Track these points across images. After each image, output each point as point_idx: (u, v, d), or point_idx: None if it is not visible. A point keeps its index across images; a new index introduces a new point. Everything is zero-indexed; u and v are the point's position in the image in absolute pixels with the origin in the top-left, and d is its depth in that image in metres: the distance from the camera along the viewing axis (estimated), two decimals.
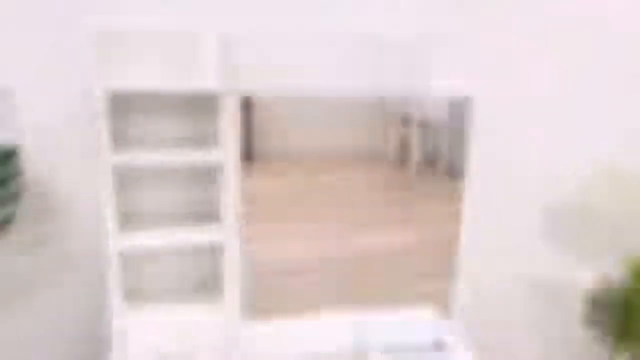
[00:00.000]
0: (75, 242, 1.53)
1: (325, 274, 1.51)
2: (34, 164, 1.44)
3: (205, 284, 1.56)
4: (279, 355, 1.50)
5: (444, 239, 1.57)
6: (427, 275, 1.59)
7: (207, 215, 1.52)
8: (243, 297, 1.43)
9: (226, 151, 1.31)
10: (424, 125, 1.49)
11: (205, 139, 1.49)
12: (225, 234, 1.36)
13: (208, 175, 1.52)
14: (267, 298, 1.48)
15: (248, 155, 1.36)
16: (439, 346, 1.55)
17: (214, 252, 1.58)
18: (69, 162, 1.46)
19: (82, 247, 1.54)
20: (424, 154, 1.51)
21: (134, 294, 1.50)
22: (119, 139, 1.45)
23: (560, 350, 2.07)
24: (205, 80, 1.31)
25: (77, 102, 1.42)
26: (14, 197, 1.32)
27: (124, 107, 1.42)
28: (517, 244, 1.91)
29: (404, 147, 1.49)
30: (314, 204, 1.46)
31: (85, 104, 1.43)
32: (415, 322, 1.59)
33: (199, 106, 1.47)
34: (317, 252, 1.49)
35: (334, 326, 1.53)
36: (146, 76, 1.29)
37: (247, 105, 1.31)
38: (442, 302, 1.62)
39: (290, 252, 1.47)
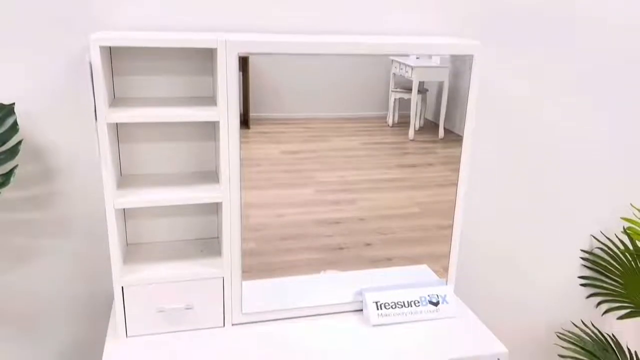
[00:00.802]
0: (75, 203, 1.54)
1: (323, 238, 1.52)
2: (32, 122, 1.44)
3: (206, 244, 1.58)
4: (278, 312, 1.53)
5: (443, 203, 1.58)
6: (426, 239, 1.60)
7: (208, 175, 1.52)
8: (243, 258, 1.45)
9: (226, 107, 1.30)
10: (424, 90, 1.48)
11: (205, 100, 1.49)
12: (225, 191, 1.37)
13: (208, 135, 1.52)
14: (265, 262, 1.49)
15: (244, 121, 1.35)
16: (434, 302, 1.58)
17: (215, 211, 1.59)
18: (68, 122, 1.46)
19: (82, 208, 1.55)
20: (423, 119, 1.50)
21: (133, 254, 1.52)
22: (118, 99, 1.44)
23: (556, 309, 2.11)
24: (204, 34, 1.29)
25: (75, 59, 1.41)
26: (10, 156, 1.32)
27: (122, 65, 1.41)
28: (515, 208, 1.92)
29: (403, 111, 1.48)
30: (311, 169, 1.46)
31: (84, 60, 1.41)
32: (411, 279, 1.62)
33: (198, 65, 1.46)
34: (315, 216, 1.49)
35: (332, 284, 1.56)
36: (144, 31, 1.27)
37: (243, 70, 1.30)
38: (440, 264, 1.64)
39: (288, 216, 1.48)
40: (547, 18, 1.71)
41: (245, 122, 1.36)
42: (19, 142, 1.33)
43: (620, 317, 1.98)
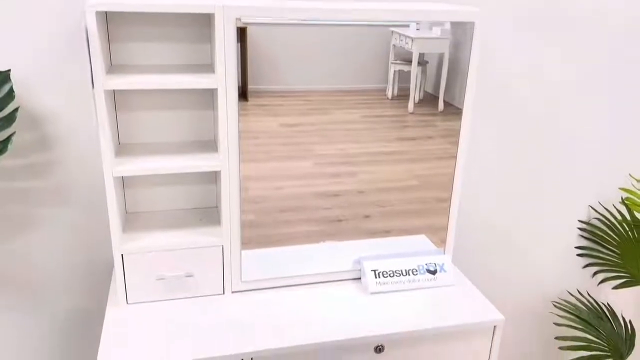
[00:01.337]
0: (73, 172, 1.54)
1: (322, 211, 1.52)
2: (28, 90, 1.43)
3: (205, 213, 1.59)
4: (277, 279, 1.54)
5: (442, 175, 1.58)
6: (424, 211, 1.61)
7: (207, 144, 1.52)
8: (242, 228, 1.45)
9: (224, 74, 1.29)
10: (424, 62, 1.46)
11: (203, 68, 1.47)
12: (224, 159, 1.37)
13: (206, 104, 1.51)
14: (264, 234, 1.50)
15: (242, 93, 1.34)
16: (431, 271, 1.59)
17: (214, 180, 1.59)
18: (64, 89, 1.45)
19: (80, 177, 1.55)
20: (423, 91, 1.49)
21: (133, 222, 1.52)
22: (115, 67, 1.43)
23: (553, 278, 2.13)
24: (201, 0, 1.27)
25: (71, 25, 1.39)
26: (7, 124, 1.31)
27: (118, 32, 1.39)
28: (513, 179, 1.93)
29: (403, 84, 1.47)
30: (310, 142, 1.45)
31: (80, 26, 1.39)
32: (409, 249, 1.63)
33: (196, 32, 1.44)
34: (313, 189, 1.49)
35: (331, 253, 1.57)
36: None
37: (240, 41, 1.28)
38: (438, 236, 1.65)
39: (287, 189, 1.48)
40: None
41: (243, 94, 1.35)
42: (16, 110, 1.32)
43: (616, 287, 2.00)
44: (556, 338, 1.88)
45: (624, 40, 1.82)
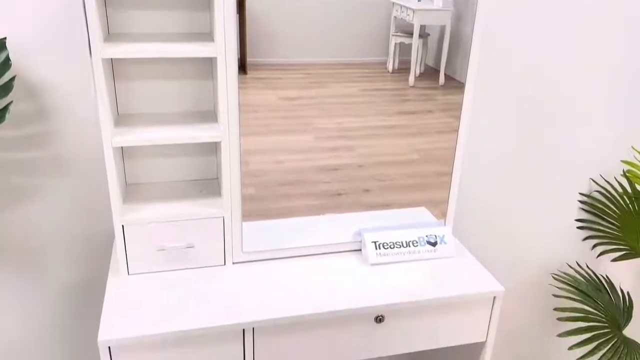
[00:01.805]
0: (72, 142, 1.52)
1: (322, 184, 1.52)
2: (24, 59, 1.41)
3: (206, 184, 1.58)
4: (278, 251, 1.54)
5: (442, 150, 1.57)
6: (424, 185, 1.60)
7: (206, 115, 1.50)
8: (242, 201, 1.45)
9: (223, 42, 1.27)
10: (425, 35, 1.44)
11: (202, 36, 1.45)
12: (224, 130, 1.35)
13: (206, 73, 1.49)
14: (264, 207, 1.49)
15: (241, 66, 1.32)
16: (432, 242, 1.59)
17: (214, 152, 1.58)
18: (62, 58, 1.43)
19: (79, 148, 1.54)
20: (424, 65, 1.47)
21: (133, 193, 1.52)
22: (113, 35, 1.41)
23: (553, 251, 2.14)
24: None
25: None
26: (3, 93, 1.29)
27: (117, 0, 1.37)
28: (515, 152, 1.92)
29: (403, 57, 1.44)
30: (310, 115, 1.44)
31: None
32: (410, 221, 1.63)
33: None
34: (313, 163, 1.49)
35: (332, 225, 1.57)
36: None
37: (239, 13, 1.26)
38: (439, 210, 1.65)
39: (287, 163, 1.47)
40: None
41: (242, 67, 1.33)
42: (12, 78, 1.30)
43: (615, 259, 2.01)
44: (555, 309, 1.90)
45: (625, 5, 1.79)
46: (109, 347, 1.22)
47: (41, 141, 1.50)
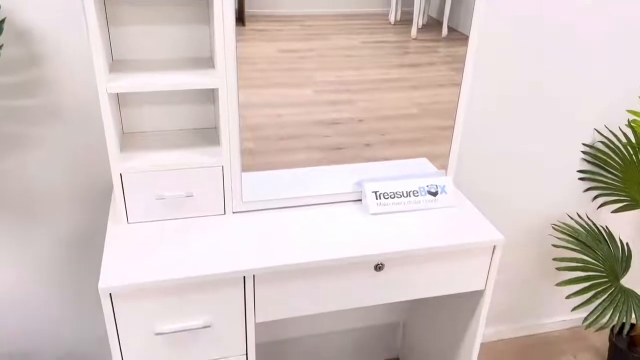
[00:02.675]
0: (67, 90, 1.49)
1: (322, 138, 1.50)
2: (15, 3, 1.36)
3: (204, 134, 1.56)
4: (278, 200, 1.54)
5: (443, 103, 1.54)
6: (425, 139, 1.58)
7: (204, 62, 1.47)
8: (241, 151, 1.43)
9: None
10: None
11: None
12: (221, 76, 1.32)
13: (203, 18, 1.44)
14: (263, 161, 1.48)
15: (239, 18, 1.28)
16: (432, 192, 1.59)
17: (212, 100, 1.55)
18: (53, 2, 1.38)
19: (74, 95, 1.51)
20: (427, 16, 1.42)
21: (130, 142, 1.50)
22: None
23: (553, 202, 2.13)
24: None
25: None
26: None
27: None
28: (518, 102, 1.88)
29: (406, 8, 1.39)
30: (310, 68, 1.40)
31: None
32: (411, 171, 1.62)
33: None
34: (313, 116, 1.46)
35: (333, 175, 1.56)
36: None
37: None
38: (439, 163, 1.63)
39: (287, 116, 1.44)
40: None
41: (240, 19, 1.30)
42: (2, 21, 1.26)
43: (616, 210, 2.01)
44: (554, 259, 1.91)
45: None
46: (110, 294, 1.23)
47: (34, 88, 1.47)
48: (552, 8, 1.73)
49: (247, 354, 1.41)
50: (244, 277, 1.31)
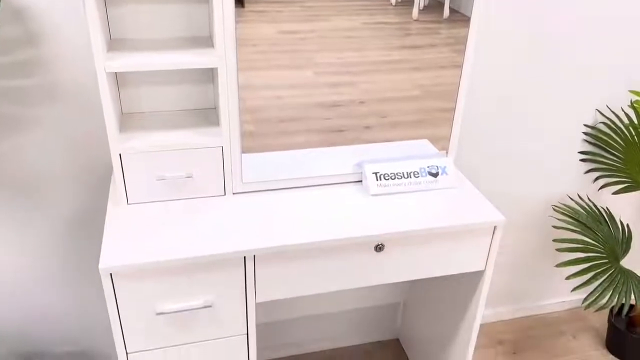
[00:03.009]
0: (65, 69, 1.48)
1: (322, 121, 1.49)
2: None
3: (205, 115, 1.55)
4: (278, 181, 1.53)
5: (445, 85, 1.54)
6: (426, 121, 1.57)
7: (203, 41, 1.45)
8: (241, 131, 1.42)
9: None
10: None
11: None
12: (220, 55, 1.31)
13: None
14: (263, 143, 1.47)
15: None
16: (433, 173, 1.58)
17: (211, 80, 1.54)
18: None
19: (73, 75, 1.49)
20: None
21: (129, 122, 1.49)
22: None
23: (554, 183, 2.13)
24: None
25: None
26: None
27: None
28: (520, 83, 1.87)
29: None
30: (310, 50, 1.39)
31: None
32: (411, 152, 1.61)
33: None
34: (314, 98, 1.45)
35: (333, 156, 1.55)
36: None
37: None
38: (440, 145, 1.62)
39: (287, 98, 1.43)
40: None
41: (239, 0, 1.28)
42: None
43: (617, 192, 2.00)
44: (554, 240, 1.91)
45: None
46: (111, 274, 1.23)
47: (32, 68, 1.45)
48: None
49: (247, 334, 1.42)
50: (244, 257, 1.31)
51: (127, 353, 1.34)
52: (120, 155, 1.37)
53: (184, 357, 1.39)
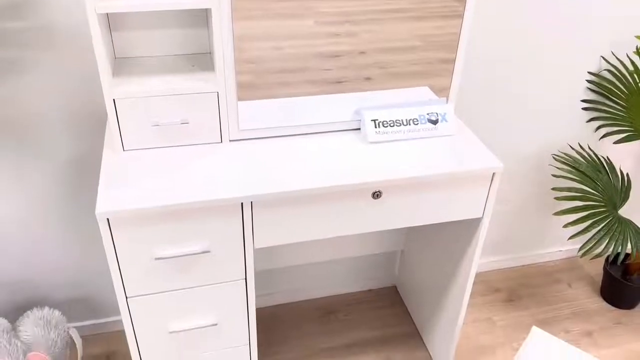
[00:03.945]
0: (56, 10, 1.44)
1: (322, 72, 1.46)
2: None
3: (198, 59, 1.52)
4: (275, 129, 1.52)
5: (446, 35, 1.50)
6: (426, 72, 1.54)
7: None
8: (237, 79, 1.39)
9: None
10: None
11: None
12: None
13: None
14: (262, 94, 1.45)
15: None
16: (433, 121, 1.56)
17: (205, 24, 1.50)
18: None
19: (64, 18, 1.45)
20: None
21: (123, 67, 1.46)
22: None
23: (555, 132, 2.10)
24: None
25: None
26: None
27: None
28: (523, 29, 1.82)
29: None
30: None
31: None
32: (411, 99, 1.58)
33: None
34: (314, 49, 1.42)
35: (332, 103, 1.53)
36: None
37: None
38: (441, 95, 1.60)
39: (286, 49, 1.39)
40: None
41: None
42: None
43: (618, 141, 1.99)
44: (553, 189, 1.90)
45: None
46: (108, 219, 1.23)
47: (23, 9, 1.41)
48: None
49: (246, 279, 1.43)
50: (242, 203, 1.31)
51: (126, 297, 1.36)
52: (114, 100, 1.34)
53: (183, 301, 1.41)
